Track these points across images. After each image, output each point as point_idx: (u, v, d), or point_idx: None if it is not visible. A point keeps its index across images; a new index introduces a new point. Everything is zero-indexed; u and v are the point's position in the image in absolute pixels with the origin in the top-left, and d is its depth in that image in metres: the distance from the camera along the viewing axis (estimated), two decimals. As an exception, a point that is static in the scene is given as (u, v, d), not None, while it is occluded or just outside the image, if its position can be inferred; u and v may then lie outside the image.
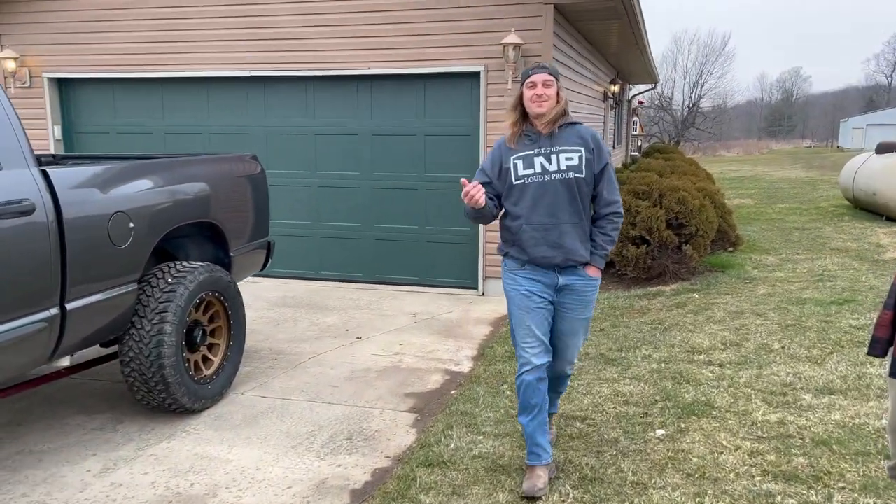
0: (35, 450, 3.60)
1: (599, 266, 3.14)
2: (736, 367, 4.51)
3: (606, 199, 3.11)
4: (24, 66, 7.67)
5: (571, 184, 3.03)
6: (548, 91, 3.00)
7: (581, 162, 3.03)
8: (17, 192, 2.93)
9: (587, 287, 3.14)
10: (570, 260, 3.07)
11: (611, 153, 3.20)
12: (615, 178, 3.15)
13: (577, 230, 3.06)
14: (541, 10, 6.38)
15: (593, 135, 3.11)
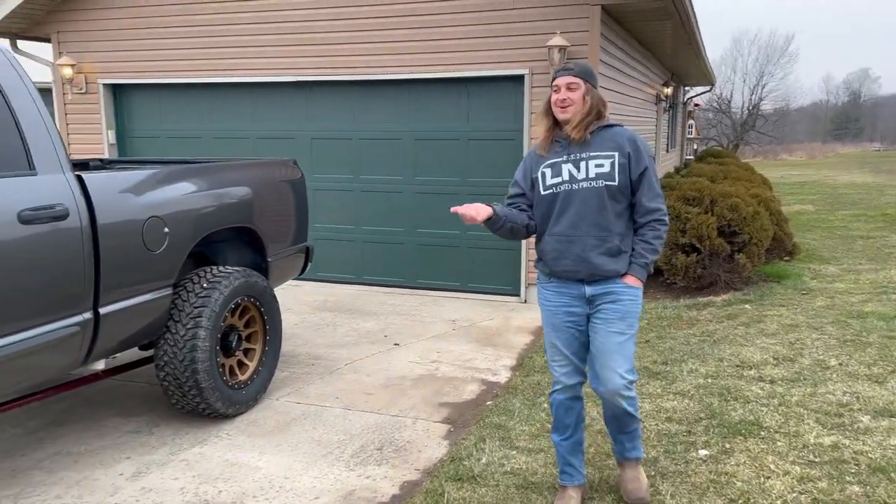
0: (72, 451, 3.65)
1: (638, 276, 2.86)
2: (788, 384, 4.28)
3: (646, 206, 2.85)
4: (80, 72, 7.90)
5: (601, 192, 2.80)
6: (572, 95, 2.78)
7: (613, 169, 2.80)
8: (51, 197, 2.96)
9: (622, 296, 2.84)
10: (597, 275, 2.84)
11: (654, 157, 2.99)
12: (657, 184, 2.90)
13: (604, 243, 2.82)
14: (587, 11, 6.22)
15: (630, 137, 2.86)
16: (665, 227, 2.90)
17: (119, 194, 3.35)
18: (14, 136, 2.90)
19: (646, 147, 2.88)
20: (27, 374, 2.96)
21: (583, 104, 2.79)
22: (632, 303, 2.86)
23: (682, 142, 21.24)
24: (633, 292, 2.86)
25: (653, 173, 2.87)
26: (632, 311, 2.86)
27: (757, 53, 46.69)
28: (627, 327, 2.84)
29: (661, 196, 2.90)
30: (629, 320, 2.85)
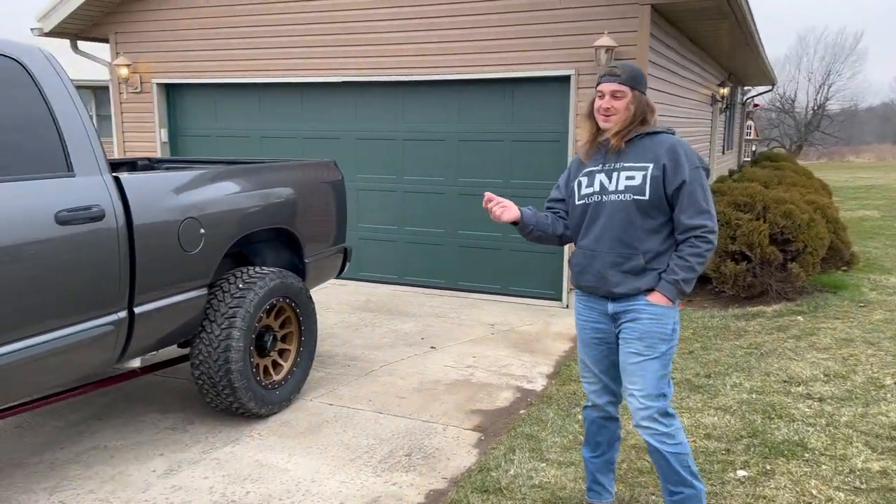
0: (109, 445, 3.73)
1: (664, 293, 2.59)
2: (838, 402, 4.08)
3: (685, 224, 2.57)
4: (135, 72, 8.12)
5: (629, 207, 2.60)
6: (616, 104, 2.59)
7: (644, 182, 2.58)
8: (88, 198, 3.02)
9: (641, 314, 2.61)
10: (615, 294, 2.66)
11: (702, 167, 2.60)
12: (705, 198, 2.59)
13: (627, 261, 2.62)
14: (637, 10, 6.06)
15: (671, 147, 2.60)
16: (708, 245, 2.59)
17: (156, 196, 3.41)
18: (54, 138, 2.97)
19: (692, 157, 2.61)
20: (62, 371, 3.03)
21: (626, 112, 2.60)
22: (652, 322, 2.61)
23: (740, 143, 20.62)
24: (655, 311, 2.61)
25: (698, 187, 2.58)
26: (651, 330, 2.61)
27: (823, 51, 45.07)
28: (646, 348, 2.61)
29: (709, 212, 2.59)
30: (648, 341, 2.61)
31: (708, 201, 2.60)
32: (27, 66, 2.92)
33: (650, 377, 2.61)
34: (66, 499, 3.18)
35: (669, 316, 2.64)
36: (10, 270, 2.71)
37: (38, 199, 2.84)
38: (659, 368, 2.61)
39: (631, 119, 2.61)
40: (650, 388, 2.61)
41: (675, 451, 2.62)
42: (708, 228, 2.59)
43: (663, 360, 2.62)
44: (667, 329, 2.63)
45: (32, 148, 2.88)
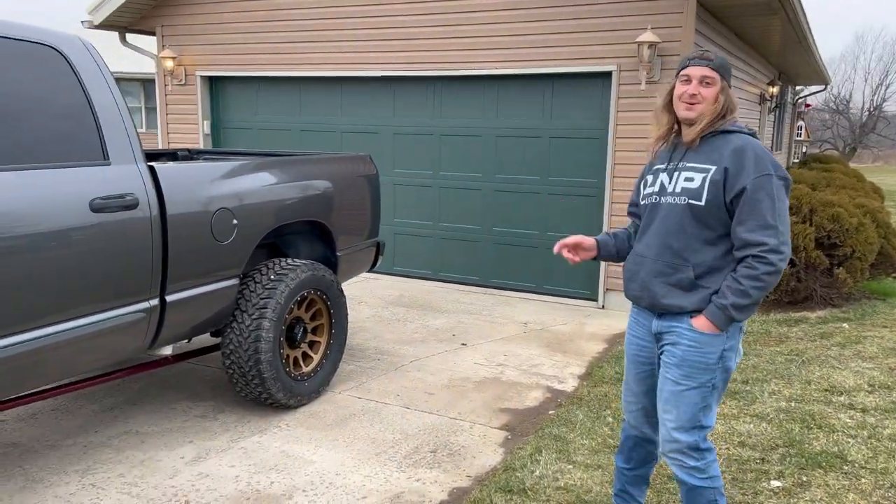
0: (141, 431, 3.79)
1: (710, 318, 2.29)
2: (882, 414, 3.91)
3: (742, 238, 2.25)
4: (180, 64, 8.26)
5: (683, 211, 2.33)
6: (704, 91, 2.32)
7: (703, 185, 2.30)
8: (123, 187, 3.06)
9: (681, 339, 2.35)
10: (659, 307, 2.41)
11: (776, 175, 2.26)
12: (770, 210, 2.23)
13: (675, 272, 2.36)
14: (682, 5, 5.92)
15: (740, 147, 2.29)
16: (768, 268, 2.22)
17: (190, 186, 3.44)
18: (91, 126, 3.02)
19: (762, 162, 2.26)
20: (94, 357, 3.08)
21: (713, 104, 2.33)
22: (691, 349, 2.33)
23: (790, 144, 20.07)
24: (697, 338, 2.32)
25: (765, 196, 2.24)
26: (690, 359, 2.33)
27: (881, 51, 43.66)
28: (683, 377, 2.34)
29: (775, 228, 2.22)
30: (685, 369, 2.34)
31: (777, 215, 2.24)
32: (66, 54, 2.97)
33: (685, 408, 2.36)
34: (96, 481, 3.24)
35: (714, 344, 2.32)
36: (45, 256, 2.76)
37: (74, 186, 2.89)
38: (698, 400, 2.35)
39: (718, 112, 2.33)
40: (684, 420, 2.36)
41: (703, 485, 2.39)
42: (769, 247, 2.22)
43: (703, 392, 2.35)
44: (709, 359, 2.33)
45: (69, 136, 2.93)
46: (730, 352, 2.36)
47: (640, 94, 6.15)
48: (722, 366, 2.35)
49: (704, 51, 2.40)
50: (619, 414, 3.99)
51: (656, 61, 6.02)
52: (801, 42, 9.06)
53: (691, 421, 2.36)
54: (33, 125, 2.81)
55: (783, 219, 2.26)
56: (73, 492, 3.15)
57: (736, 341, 2.37)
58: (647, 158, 2.68)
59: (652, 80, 6.08)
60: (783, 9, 6.60)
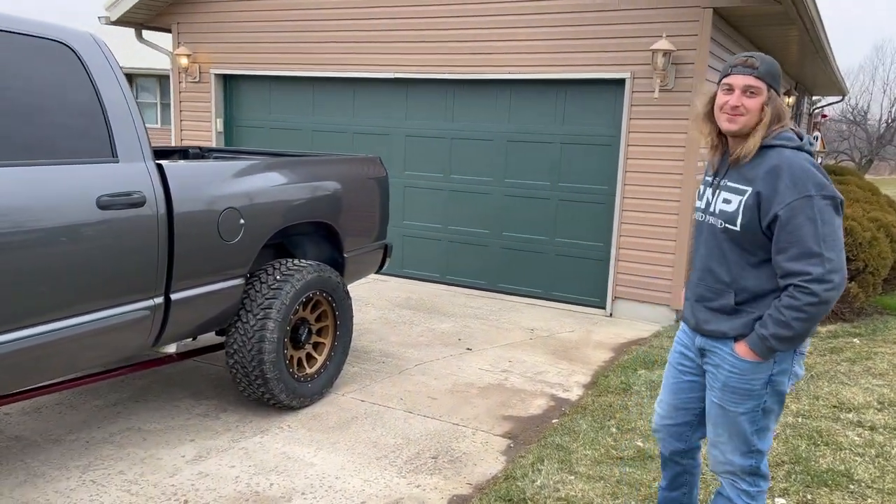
0: (143, 428, 3.80)
1: (751, 347, 2.18)
2: (891, 433, 3.86)
3: (783, 268, 2.11)
4: (195, 62, 8.29)
5: (721, 235, 2.24)
6: (748, 102, 2.15)
7: (738, 209, 2.17)
8: (130, 184, 3.07)
9: (723, 364, 2.27)
10: (702, 332, 2.34)
11: (821, 195, 2.07)
12: (814, 236, 2.05)
13: (717, 297, 2.27)
14: (698, 14, 5.88)
15: (775, 167, 2.12)
16: (811, 299, 2.06)
17: (197, 185, 3.44)
18: (100, 124, 3.02)
19: (802, 182, 2.07)
20: (97, 353, 3.08)
21: (758, 116, 2.16)
22: (732, 376, 2.25)
23: (805, 154, 19.89)
24: (738, 365, 2.23)
25: (806, 221, 2.05)
26: (732, 385, 2.25)
27: (900, 62, 43.15)
28: (728, 402, 2.27)
29: (820, 256, 2.05)
30: (729, 395, 2.26)
31: (822, 241, 2.05)
32: (78, 51, 2.98)
33: (736, 433, 2.29)
34: (97, 478, 3.24)
35: (758, 372, 2.22)
36: (51, 252, 2.77)
37: (81, 182, 2.89)
38: (747, 426, 2.27)
39: (766, 124, 2.16)
40: (737, 443, 2.29)
41: None
42: (812, 277, 2.04)
43: (753, 416, 2.26)
44: (752, 385, 2.24)
45: (78, 132, 2.94)
46: (780, 376, 2.24)
47: (654, 102, 6.11)
48: (771, 390, 2.25)
49: (749, 56, 2.19)
50: (623, 425, 3.96)
51: (670, 69, 5.98)
52: (818, 52, 8.97)
53: (745, 444, 2.29)
54: (43, 121, 2.82)
55: (831, 244, 2.07)
56: (73, 487, 3.15)
57: (788, 365, 2.24)
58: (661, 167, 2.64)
59: (666, 88, 6.04)
60: (800, 19, 6.53)
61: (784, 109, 2.20)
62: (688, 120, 6.01)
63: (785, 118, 2.19)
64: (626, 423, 3.99)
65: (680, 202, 6.12)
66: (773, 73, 2.19)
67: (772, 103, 2.17)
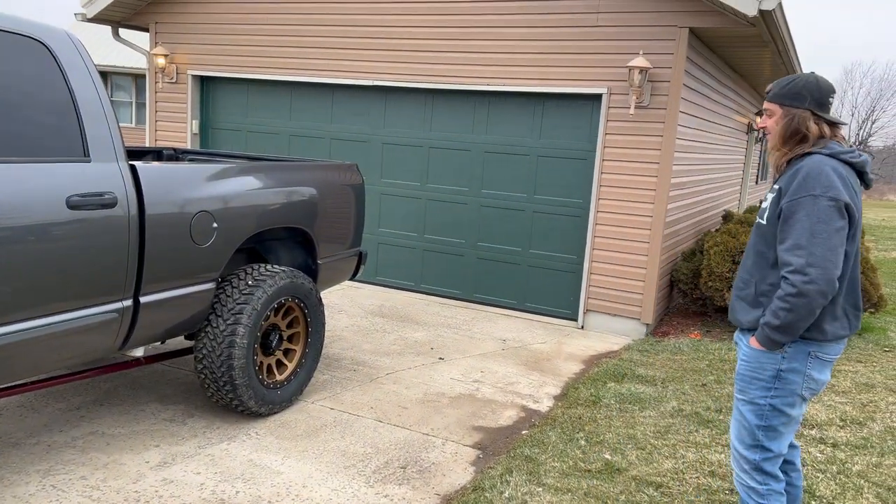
0: (107, 432, 3.73)
1: (758, 339, 2.39)
2: (852, 450, 3.93)
3: (779, 256, 2.32)
4: (172, 62, 8.21)
5: (756, 231, 2.49)
6: (766, 123, 2.46)
7: (769, 204, 2.43)
8: (102, 185, 3.03)
9: (740, 353, 2.52)
10: (732, 319, 2.56)
11: (824, 196, 2.24)
12: (805, 231, 2.24)
13: (745, 287, 2.49)
14: (674, 33, 5.97)
15: (798, 169, 2.32)
16: (791, 289, 2.24)
17: (171, 187, 3.40)
18: (72, 122, 2.98)
19: (809, 183, 2.27)
20: (63, 355, 3.02)
21: (775, 131, 2.43)
22: (744, 363, 2.47)
23: (776, 174, 20.27)
24: (748, 353, 2.46)
25: (803, 217, 2.25)
26: (741, 372, 2.48)
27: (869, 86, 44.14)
28: (738, 391, 2.50)
29: (803, 249, 2.23)
30: (739, 383, 2.49)
31: (812, 236, 2.22)
32: (51, 48, 2.94)
33: (743, 422, 2.48)
34: (57, 483, 3.18)
35: (764, 361, 2.40)
36: (17, 251, 2.72)
37: (51, 182, 2.84)
38: (752, 417, 2.45)
39: (780, 138, 2.41)
40: (744, 434, 2.48)
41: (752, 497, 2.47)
42: (793, 268, 2.23)
43: (759, 409, 2.43)
44: (759, 374, 2.42)
45: (50, 131, 2.89)
46: (791, 374, 2.36)
47: (629, 118, 6.19)
48: (781, 387, 2.38)
49: (772, 84, 2.47)
50: (592, 437, 3.98)
51: (646, 86, 6.06)
52: (789, 74, 9.17)
53: (750, 437, 2.45)
54: (13, 118, 2.77)
55: (819, 241, 2.22)
56: (32, 492, 3.08)
57: (800, 365, 2.36)
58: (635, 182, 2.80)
59: (641, 104, 6.13)
60: (773, 42, 6.67)
61: (802, 124, 2.37)
62: (662, 137, 6.10)
63: (804, 131, 2.36)
64: (595, 435, 4.01)
65: (652, 217, 6.20)
66: (787, 93, 2.39)
67: (787, 118, 2.39)
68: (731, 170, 10.36)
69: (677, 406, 4.52)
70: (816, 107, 2.38)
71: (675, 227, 6.86)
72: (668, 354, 5.78)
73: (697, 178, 7.64)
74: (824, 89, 2.39)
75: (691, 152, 7.06)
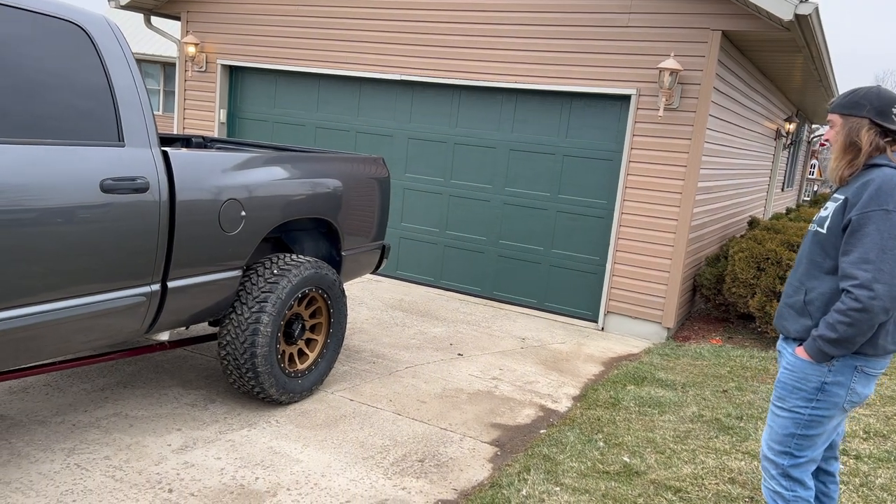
0: (130, 414, 3.78)
1: (807, 350, 2.35)
2: (876, 462, 3.88)
3: (842, 268, 2.28)
4: (202, 51, 8.28)
5: (811, 239, 2.44)
6: (828, 134, 2.45)
7: (829, 213, 2.36)
8: (135, 170, 3.06)
9: (781, 361, 2.51)
10: (778, 327, 2.54)
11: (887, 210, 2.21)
12: (875, 246, 2.19)
13: (795, 294, 2.45)
14: (706, 35, 5.91)
15: (868, 181, 2.27)
16: (855, 304, 2.20)
17: (201, 174, 3.43)
18: (109, 108, 3.01)
19: (880, 197, 2.22)
20: (90, 337, 3.07)
21: (836, 142, 2.41)
22: (786, 372, 2.44)
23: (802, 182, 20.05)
24: (793, 362, 2.42)
25: (873, 231, 2.20)
26: (782, 380, 2.45)
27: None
28: (777, 398, 2.48)
29: (871, 263, 2.19)
30: (779, 391, 2.46)
31: (881, 252, 2.18)
32: (91, 33, 2.97)
33: (777, 429, 2.47)
34: (81, 462, 3.23)
35: (809, 373, 2.38)
36: (50, 233, 2.76)
37: (86, 165, 2.88)
38: (789, 424, 2.44)
39: (841, 150, 2.38)
40: (774, 440, 2.48)
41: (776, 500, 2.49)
42: (859, 282, 2.19)
43: (796, 418, 2.41)
44: (801, 385, 2.40)
45: (86, 115, 2.93)
46: (835, 387, 2.34)
47: (658, 121, 6.15)
48: (824, 400, 2.36)
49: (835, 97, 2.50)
50: (611, 439, 3.96)
51: (676, 88, 6.01)
52: (821, 81, 9.04)
53: (781, 443, 2.45)
54: (50, 101, 2.81)
55: (889, 258, 2.18)
56: (57, 470, 3.13)
57: (846, 378, 2.34)
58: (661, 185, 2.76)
59: (671, 106, 6.08)
60: (807, 46, 6.58)
61: (857, 135, 2.34)
62: (690, 140, 6.05)
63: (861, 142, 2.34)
64: (614, 437, 4.00)
65: (677, 221, 6.15)
66: (847, 103, 2.38)
67: (845, 129, 2.37)
68: (757, 175, 10.25)
69: (697, 411, 4.49)
70: (876, 115, 2.33)
71: (700, 232, 6.80)
72: (688, 359, 5.74)
73: (724, 182, 7.57)
74: (885, 98, 2.35)
75: (719, 156, 6.99)
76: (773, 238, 6.51)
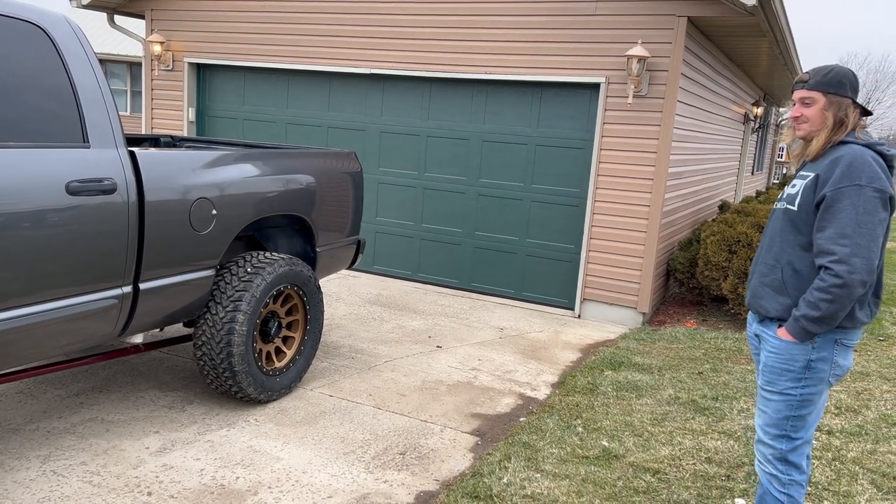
0: (106, 419, 3.74)
1: (788, 329, 2.36)
2: (847, 437, 3.97)
3: (818, 244, 2.29)
4: (168, 49, 8.17)
5: (782, 216, 2.44)
6: (806, 111, 2.39)
7: (799, 190, 2.38)
8: (101, 171, 3.02)
9: (766, 345, 2.47)
10: (754, 307, 2.53)
11: (870, 187, 2.22)
12: (851, 221, 2.23)
13: (772, 273, 2.44)
14: (672, 22, 5.97)
15: (839, 157, 2.30)
16: (835, 280, 2.22)
17: (170, 173, 3.39)
18: (72, 109, 2.97)
19: (854, 173, 2.25)
20: (62, 341, 3.03)
21: (821, 121, 2.37)
22: (773, 356, 2.43)
23: (771, 165, 20.33)
24: (778, 345, 2.41)
25: (848, 206, 2.23)
26: (770, 365, 2.44)
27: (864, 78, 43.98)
28: (766, 383, 2.46)
29: (849, 238, 2.21)
30: (768, 375, 2.44)
31: (858, 227, 2.21)
32: (50, 33, 2.92)
33: (771, 414, 2.47)
34: (57, 468, 3.19)
35: (794, 353, 2.39)
36: (17, 237, 2.71)
37: (51, 167, 2.83)
38: (782, 408, 2.44)
39: (832, 126, 2.36)
40: (770, 425, 2.47)
41: (778, 497, 2.48)
42: (838, 258, 2.22)
43: (788, 400, 2.42)
44: (790, 366, 2.40)
45: (49, 116, 2.88)
46: (820, 363, 2.37)
47: (627, 108, 6.19)
48: (811, 377, 2.38)
49: (805, 73, 2.43)
50: (589, 424, 4.01)
51: (645, 76, 6.06)
52: (787, 65, 9.17)
53: (777, 427, 2.45)
54: (12, 103, 2.76)
55: (864, 232, 2.22)
56: (32, 478, 3.09)
57: (828, 353, 2.37)
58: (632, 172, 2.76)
59: (639, 93, 6.13)
60: (772, 31, 6.67)
61: (845, 114, 2.37)
62: (660, 126, 6.11)
63: (849, 121, 2.37)
64: (593, 422, 4.04)
65: (649, 207, 6.21)
66: (831, 82, 2.37)
67: (833, 107, 2.37)
68: (727, 160, 10.38)
69: (674, 394, 4.55)
70: (855, 95, 2.38)
71: (672, 217, 6.87)
72: (664, 343, 5.81)
73: (694, 167, 7.66)
74: (856, 80, 2.42)
75: (689, 142, 7.07)
76: (744, 221, 6.60)
